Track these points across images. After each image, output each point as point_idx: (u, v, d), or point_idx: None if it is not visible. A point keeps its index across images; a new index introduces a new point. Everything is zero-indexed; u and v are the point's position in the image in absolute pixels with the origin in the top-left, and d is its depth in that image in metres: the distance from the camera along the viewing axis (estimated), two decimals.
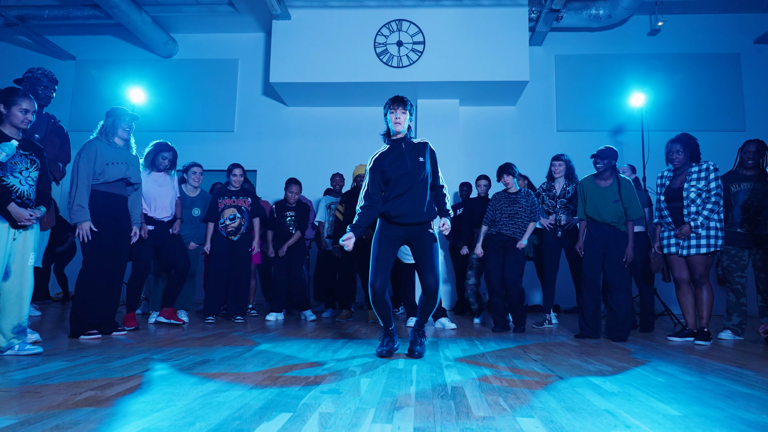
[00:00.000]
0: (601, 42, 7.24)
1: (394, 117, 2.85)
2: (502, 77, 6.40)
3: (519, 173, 5.38)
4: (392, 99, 2.86)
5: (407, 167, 2.81)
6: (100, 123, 3.49)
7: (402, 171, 2.81)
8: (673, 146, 3.69)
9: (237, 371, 2.28)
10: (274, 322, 4.57)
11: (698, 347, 3.45)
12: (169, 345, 3.04)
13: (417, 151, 2.87)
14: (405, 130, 2.89)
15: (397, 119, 2.85)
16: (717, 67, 7.05)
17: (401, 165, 2.83)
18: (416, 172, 2.82)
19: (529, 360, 2.75)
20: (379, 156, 2.90)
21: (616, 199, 3.75)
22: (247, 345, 3.10)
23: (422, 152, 2.88)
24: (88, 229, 3.25)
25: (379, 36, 6.56)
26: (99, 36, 7.81)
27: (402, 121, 2.85)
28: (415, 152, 2.87)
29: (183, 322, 4.16)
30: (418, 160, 2.84)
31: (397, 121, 2.85)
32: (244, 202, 4.77)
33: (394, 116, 2.85)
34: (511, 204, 4.25)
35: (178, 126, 7.43)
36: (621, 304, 3.70)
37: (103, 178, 3.39)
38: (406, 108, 2.86)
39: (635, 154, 6.55)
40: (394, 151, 2.88)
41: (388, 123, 2.89)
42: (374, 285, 2.74)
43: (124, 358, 2.54)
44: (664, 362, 2.77)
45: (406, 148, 2.88)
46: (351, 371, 2.34)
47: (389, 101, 2.87)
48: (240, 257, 4.68)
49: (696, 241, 3.57)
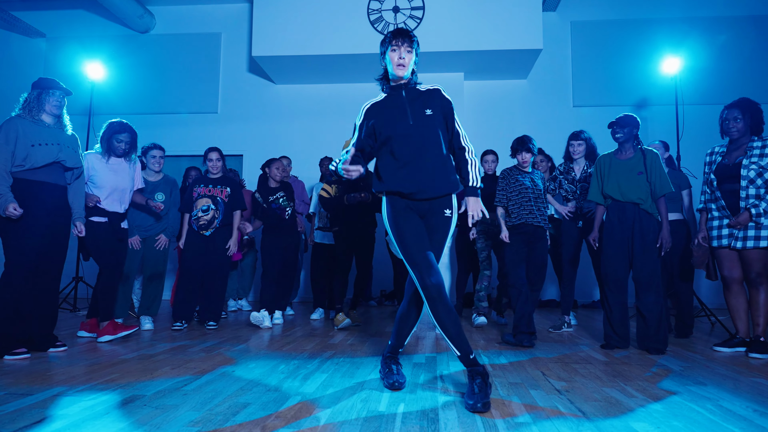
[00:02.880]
0: (624, 5, 6.45)
1: (397, 56, 2.14)
2: (511, 46, 5.67)
3: (540, 151, 4.67)
4: (393, 32, 2.17)
5: (408, 123, 2.13)
6: (23, 95, 2.88)
7: (402, 129, 2.12)
8: (730, 113, 3.01)
9: (160, 419, 1.69)
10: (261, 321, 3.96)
11: (754, 361, 2.83)
12: (103, 371, 2.46)
13: (423, 101, 2.17)
14: (410, 75, 2.20)
15: (401, 59, 2.14)
16: (764, 29, 6.19)
17: (401, 120, 2.14)
18: (422, 130, 2.12)
19: (551, 390, 2.14)
20: (372, 106, 2.22)
21: (641, 171, 3.06)
22: (197, 371, 2.51)
23: (431, 102, 2.17)
24: (12, 209, 2.66)
25: (372, 1, 5.85)
26: (70, 11, 7.15)
27: (407, 62, 2.15)
28: (420, 102, 2.17)
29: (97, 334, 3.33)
30: (425, 112, 2.14)
31: (401, 63, 2.14)
32: (221, 192, 4.13)
33: (397, 55, 2.14)
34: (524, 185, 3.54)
35: (157, 108, 6.80)
36: (653, 308, 3.05)
37: (30, 163, 2.80)
38: (412, 45, 2.16)
39: (663, 130, 5.83)
40: (393, 100, 2.20)
41: (388, 64, 2.18)
42: (427, 282, 1.97)
43: (24, 397, 1.96)
44: (724, 391, 2.15)
45: (407, 97, 2.19)
46: (314, 418, 1.74)
47: (389, 35, 2.18)
48: (213, 255, 4.07)
49: (755, 231, 2.91)
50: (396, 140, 2.12)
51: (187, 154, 6.53)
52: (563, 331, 3.88)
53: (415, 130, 2.11)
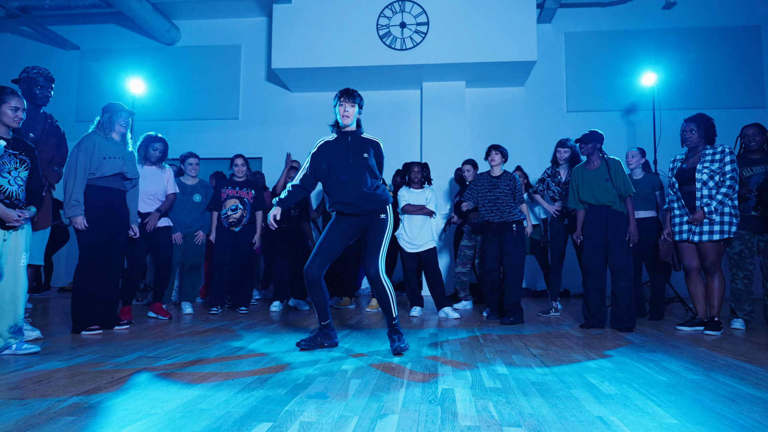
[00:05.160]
0: (613, 17, 6.95)
1: (343, 110, 2.84)
2: (509, 57, 6.19)
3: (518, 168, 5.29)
4: (341, 91, 2.86)
5: (349, 160, 2.81)
6: (97, 118, 3.47)
7: (342, 163, 2.81)
8: (688, 125, 3.54)
9: (228, 370, 2.26)
10: (278, 312, 4.56)
11: (708, 337, 3.35)
12: (167, 341, 3.04)
13: (363, 147, 2.86)
14: (354, 124, 2.89)
15: (345, 112, 2.84)
16: (735, 40, 6.72)
17: (343, 157, 2.82)
18: (358, 165, 2.80)
19: (529, 355, 2.69)
20: (324, 144, 2.91)
21: (607, 178, 3.65)
22: (243, 341, 3.08)
23: (369, 149, 2.87)
24: (81, 223, 3.25)
25: (381, 18, 6.39)
26: (102, 25, 7.74)
27: (350, 114, 2.84)
28: (360, 147, 2.85)
29: (170, 316, 4.08)
30: (362, 155, 2.83)
31: (345, 114, 2.84)
32: (247, 194, 4.71)
33: (342, 109, 2.85)
34: (491, 188, 4.11)
35: (182, 114, 7.39)
36: (624, 292, 3.60)
37: (100, 173, 3.37)
38: (354, 101, 2.85)
39: (649, 134, 6.33)
40: (340, 142, 2.88)
41: (336, 115, 2.88)
42: (309, 270, 2.74)
43: (118, 357, 2.54)
44: (669, 356, 2.68)
45: (351, 142, 2.86)
46: (342, 371, 2.30)
47: (338, 93, 2.86)
48: (242, 249, 4.66)
49: (708, 227, 3.43)
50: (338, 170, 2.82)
51: (211, 157, 7.11)
52: (551, 315, 4.42)
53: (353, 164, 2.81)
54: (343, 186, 2.79)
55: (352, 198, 2.78)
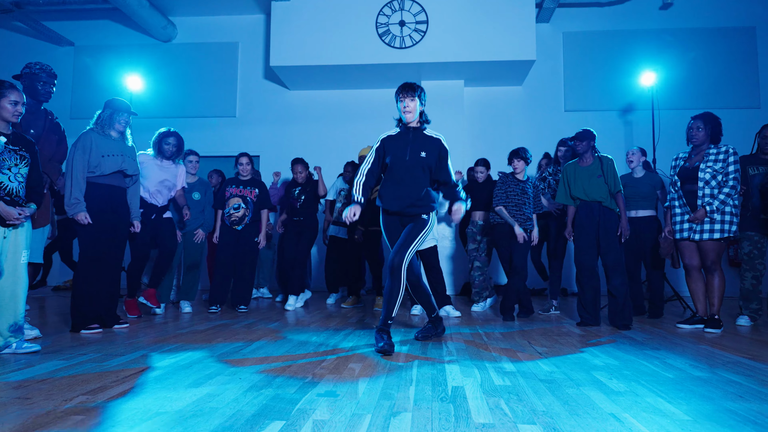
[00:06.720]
0: (611, 17, 6.97)
1: (403, 106, 2.80)
2: (507, 57, 6.19)
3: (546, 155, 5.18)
4: (401, 87, 2.81)
5: (405, 157, 2.76)
6: (97, 113, 3.42)
7: (400, 160, 2.78)
8: (695, 123, 3.55)
9: (233, 369, 2.24)
10: (293, 310, 4.58)
11: (708, 335, 3.37)
12: (170, 340, 3.01)
13: (422, 145, 2.81)
14: (417, 118, 2.84)
15: (405, 107, 2.80)
16: (731, 41, 6.76)
17: (401, 154, 2.79)
18: (414, 164, 2.76)
19: (534, 353, 2.68)
20: (387, 138, 2.89)
21: (600, 175, 3.67)
22: (246, 340, 3.06)
23: (428, 147, 2.81)
24: (84, 218, 3.20)
25: (380, 16, 6.37)
26: (97, 21, 7.65)
27: (412, 109, 2.80)
28: (419, 145, 2.80)
29: (157, 307, 4.11)
30: (420, 154, 2.78)
31: (406, 110, 2.80)
32: (251, 193, 4.69)
33: (402, 105, 2.80)
34: (521, 194, 4.14)
35: (179, 112, 7.32)
36: (620, 289, 3.61)
37: (99, 171, 3.33)
38: (415, 95, 2.79)
39: (646, 133, 6.36)
40: (401, 138, 2.85)
41: (399, 111, 2.84)
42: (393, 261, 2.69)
43: (121, 356, 2.51)
44: (673, 354, 2.69)
45: (412, 138, 2.82)
46: (350, 369, 2.29)
47: (398, 89, 2.81)
48: (244, 247, 4.62)
49: (710, 225, 3.45)
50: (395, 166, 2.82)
51: (208, 154, 7.05)
52: (551, 313, 4.43)
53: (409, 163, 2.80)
54: (395, 188, 2.80)
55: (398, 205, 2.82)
